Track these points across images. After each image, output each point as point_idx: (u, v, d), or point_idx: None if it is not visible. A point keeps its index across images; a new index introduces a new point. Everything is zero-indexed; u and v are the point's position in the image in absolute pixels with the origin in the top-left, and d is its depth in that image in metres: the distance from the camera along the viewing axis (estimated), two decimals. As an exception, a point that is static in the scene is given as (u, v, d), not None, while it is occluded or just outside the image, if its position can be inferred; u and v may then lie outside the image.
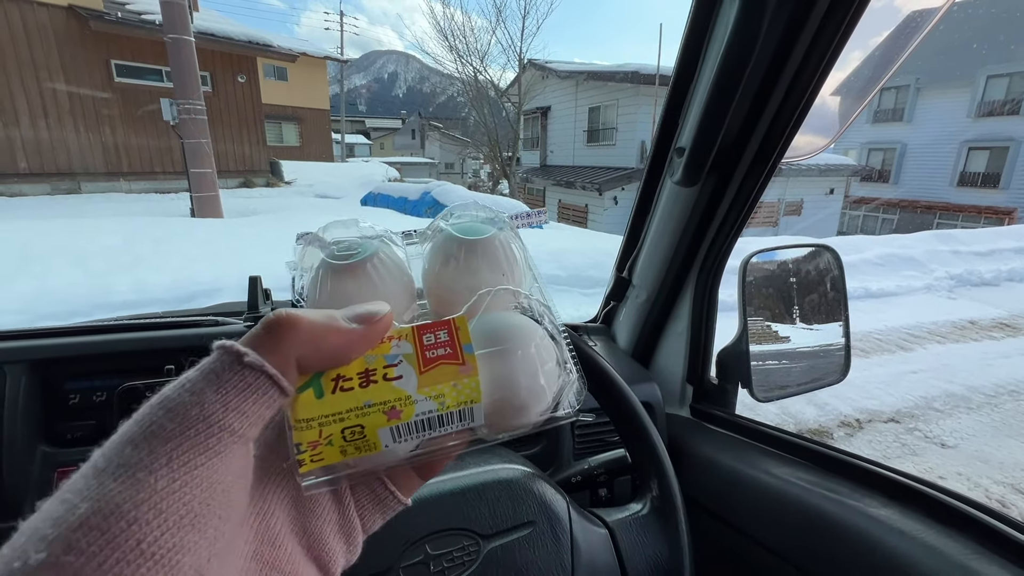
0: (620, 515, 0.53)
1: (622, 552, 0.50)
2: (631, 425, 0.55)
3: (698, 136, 0.63)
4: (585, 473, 0.67)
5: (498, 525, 0.47)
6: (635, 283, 0.92)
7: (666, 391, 0.93)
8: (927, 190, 18.34)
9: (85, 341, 0.65)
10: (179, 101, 7.02)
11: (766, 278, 0.88)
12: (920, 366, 4.33)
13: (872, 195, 19.87)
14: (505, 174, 20.80)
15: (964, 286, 6.60)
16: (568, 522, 0.50)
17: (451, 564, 0.45)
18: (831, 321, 0.89)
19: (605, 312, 1.04)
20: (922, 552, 0.49)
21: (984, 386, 3.98)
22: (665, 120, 0.69)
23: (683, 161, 0.65)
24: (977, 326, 5.33)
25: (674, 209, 0.75)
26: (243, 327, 0.73)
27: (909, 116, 18.91)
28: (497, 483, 0.50)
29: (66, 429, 0.63)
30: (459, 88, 23.17)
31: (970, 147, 17.43)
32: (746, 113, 0.62)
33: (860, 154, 20.42)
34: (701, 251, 0.80)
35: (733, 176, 0.68)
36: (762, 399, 0.85)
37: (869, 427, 3.47)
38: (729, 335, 0.87)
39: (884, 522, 0.53)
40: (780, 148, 0.64)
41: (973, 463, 3.09)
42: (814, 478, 0.63)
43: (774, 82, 0.60)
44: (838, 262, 0.85)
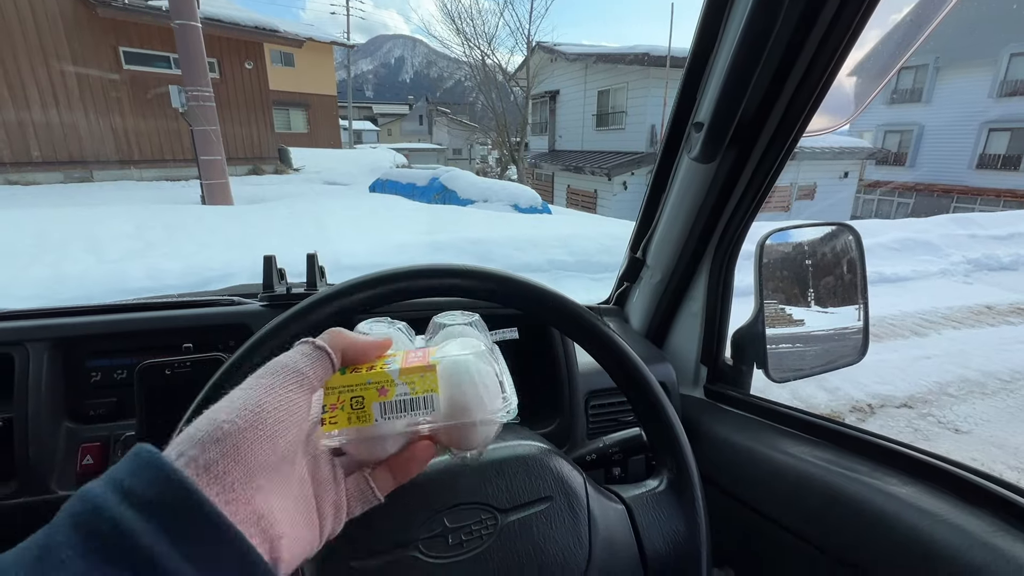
0: (637, 491, 0.53)
1: (639, 527, 0.50)
2: (647, 402, 0.54)
3: (717, 110, 0.61)
4: (600, 451, 0.67)
5: (515, 500, 0.47)
6: (649, 263, 0.91)
7: (680, 372, 0.92)
8: (945, 173, 17.92)
9: (106, 320, 0.66)
10: (187, 88, 7.02)
11: (783, 258, 0.87)
12: (934, 351, 4.27)
13: (887, 178, 19.47)
14: (513, 159, 20.66)
15: (981, 270, 6.48)
16: (585, 498, 0.50)
17: (469, 537, 0.45)
18: (849, 303, 0.88)
19: (618, 293, 1.03)
20: (945, 530, 0.48)
21: (1000, 372, 3.93)
22: (683, 94, 0.68)
23: (701, 136, 0.64)
24: (994, 311, 5.25)
25: (691, 186, 0.74)
26: (259, 307, 0.73)
27: (928, 97, 18.41)
28: (515, 459, 0.50)
29: (89, 406, 0.64)
30: (466, 72, 22.93)
31: (990, 128, 16.97)
32: (767, 87, 0.61)
33: (876, 136, 19.97)
34: (718, 230, 0.79)
35: (752, 152, 0.67)
36: (777, 380, 0.84)
37: (881, 412, 3.44)
38: (742, 320, 0.86)
39: (905, 500, 0.53)
40: (801, 123, 0.62)
41: (988, 448, 3.06)
42: (832, 457, 0.63)
43: (796, 54, 0.58)
44: (858, 242, 0.84)
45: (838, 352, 0.87)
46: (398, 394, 0.34)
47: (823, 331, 0.90)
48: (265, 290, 0.73)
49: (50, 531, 0.21)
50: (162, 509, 0.22)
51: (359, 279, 0.48)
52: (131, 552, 0.20)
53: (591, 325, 0.52)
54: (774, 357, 0.84)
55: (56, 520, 0.22)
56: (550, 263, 4.94)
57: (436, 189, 9.11)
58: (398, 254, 4.59)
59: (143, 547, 0.21)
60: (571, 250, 5.12)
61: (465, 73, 25.57)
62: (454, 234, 5.26)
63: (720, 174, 0.71)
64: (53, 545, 0.21)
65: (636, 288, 0.98)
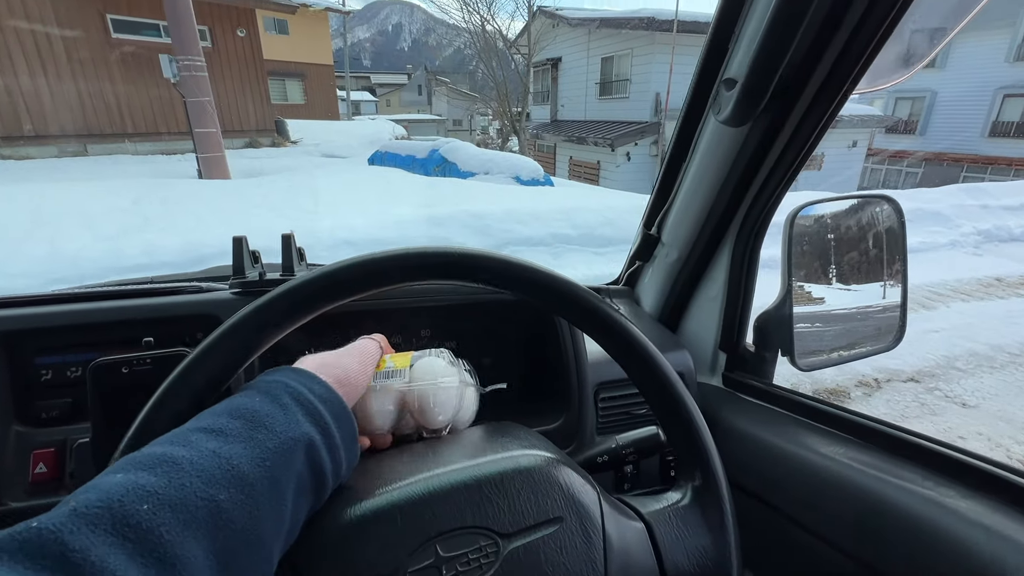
0: (657, 505, 0.46)
1: (660, 548, 0.44)
2: (670, 403, 0.47)
3: (755, 65, 0.52)
4: (612, 453, 0.60)
5: (519, 522, 0.41)
6: (665, 241, 0.83)
7: (696, 359, 0.85)
8: (956, 141, 17.48)
9: (55, 311, 0.58)
10: (179, 57, 6.79)
11: (814, 234, 0.78)
12: (942, 325, 4.22)
13: (897, 147, 19.03)
14: (515, 130, 20.26)
15: (992, 241, 6.36)
16: (600, 517, 0.43)
17: (466, 568, 0.39)
18: (882, 281, 0.80)
19: (629, 273, 0.95)
20: (1015, 556, 0.42)
21: (1009, 345, 3.88)
22: (712, 45, 0.58)
23: (734, 95, 0.55)
24: (1004, 283, 5.17)
25: (716, 153, 0.65)
26: (229, 294, 0.66)
27: (942, 62, 17.79)
28: (517, 472, 0.43)
29: (40, 408, 0.58)
30: (466, 39, 22.33)
31: (1005, 94, 16.44)
32: (815, 36, 0.51)
33: (887, 103, 19.43)
34: (745, 203, 0.70)
35: (791, 114, 0.58)
36: (804, 368, 0.77)
37: (888, 387, 3.41)
38: (763, 299, 0.79)
39: (964, 514, 0.46)
40: (852, 79, 0.53)
41: (995, 423, 3.03)
42: (873, 460, 0.56)
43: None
44: (899, 214, 0.75)
45: (870, 337, 0.80)
46: (386, 367, 0.51)
47: (852, 313, 0.83)
48: (236, 275, 0.65)
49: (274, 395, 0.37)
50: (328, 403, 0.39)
51: (345, 266, 0.41)
52: (316, 411, 0.37)
53: (601, 313, 0.45)
54: (800, 343, 0.77)
55: (272, 387, 0.37)
56: (552, 236, 4.84)
57: (436, 161, 8.92)
58: (398, 229, 4.49)
59: (323, 414, 0.38)
60: (574, 223, 5.02)
61: (464, 40, 24.91)
62: (455, 207, 5.14)
63: (751, 139, 0.61)
64: (279, 396, 0.37)
65: (649, 268, 0.90)
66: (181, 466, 0.28)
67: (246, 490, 0.30)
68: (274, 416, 0.34)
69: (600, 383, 0.76)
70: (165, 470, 0.28)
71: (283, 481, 0.32)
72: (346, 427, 0.39)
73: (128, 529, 0.24)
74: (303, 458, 0.34)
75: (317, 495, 0.37)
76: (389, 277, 0.42)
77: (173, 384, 0.37)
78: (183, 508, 0.27)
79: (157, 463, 0.28)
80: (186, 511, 0.27)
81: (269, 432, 0.33)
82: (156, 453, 0.29)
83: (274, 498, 0.31)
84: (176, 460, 0.29)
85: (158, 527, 0.25)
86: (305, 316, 0.41)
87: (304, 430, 0.35)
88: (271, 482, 0.31)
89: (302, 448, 0.34)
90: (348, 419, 0.40)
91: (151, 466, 0.28)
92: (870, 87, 0.53)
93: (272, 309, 0.39)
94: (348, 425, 0.40)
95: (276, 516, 0.31)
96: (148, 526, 0.25)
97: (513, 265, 0.44)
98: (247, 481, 0.30)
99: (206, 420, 0.33)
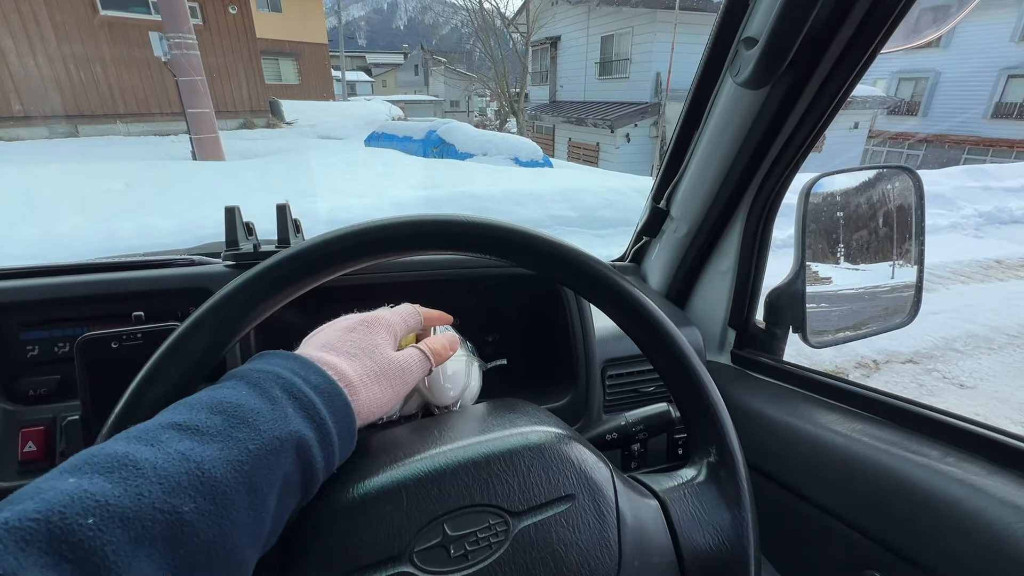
0: (672, 483, 0.45)
1: (675, 526, 0.42)
2: (685, 379, 0.45)
3: (779, 21, 0.49)
4: (622, 430, 0.58)
5: (530, 500, 0.39)
6: (674, 215, 0.80)
7: (704, 335, 0.83)
8: (958, 122, 17.32)
9: (39, 284, 0.55)
10: (169, 35, 6.64)
11: (829, 208, 0.76)
12: (942, 307, 4.23)
13: (899, 129, 18.85)
14: (513, 111, 20.03)
15: (993, 224, 6.35)
16: (613, 494, 0.41)
17: (475, 547, 0.37)
18: (898, 257, 0.78)
19: (635, 249, 0.93)
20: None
21: (1007, 326, 3.90)
22: (731, 1, 0.54)
23: (754, 55, 0.51)
24: (1003, 265, 5.17)
25: (732, 119, 0.62)
26: (222, 267, 0.63)
27: (946, 41, 17.51)
28: (527, 449, 0.41)
29: (28, 384, 0.55)
30: (463, 18, 21.94)
31: (1009, 75, 16.24)
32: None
33: (890, 84, 19.20)
34: (759, 173, 0.67)
35: (814, 74, 0.54)
36: (816, 345, 0.75)
37: (886, 368, 3.43)
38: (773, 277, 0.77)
39: (991, 493, 0.44)
40: (880, 39, 0.50)
41: (992, 403, 3.05)
42: (891, 436, 0.55)
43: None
44: (918, 188, 0.73)
45: (885, 313, 0.78)
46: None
47: (866, 289, 0.80)
48: (229, 247, 0.62)
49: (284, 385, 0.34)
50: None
51: (348, 232, 0.39)
52: (311, 405, 0.34)
53: (615, 284, 0.43)
54: (812, 319, 0.75)
55: (262, 379, 0.33)
56: (552, 218, 4.81)
57: (434, 142, 8.81)
58: (395, 211, 4.44)
59: (318, 408, 0.34)
60: (573, 204, 4.97)
61: (462, 19, 24.48)
62: (452, 188, 5.10)
63: (771, 103, 0.58)
64: (269, 389, 0.33)
65: (657, 243, 0.88)
66: (142, 470, 0.25)
67: (217, 499, 0.26)
68: (260, 412, 0.31)
69: (608, 360, 0.74)
70: (123, 475, 0.24)
71: (264, 485, 0.29)
72: (344, 420, 0.36)
73: (67, 547, 0.21)
74: (292, 458, 0.31)
75: (305, 491, 0.34)
76: (385, 246, 0.40)
77: (163, 357, 0.35)
78: (137, 521, 0.23)
79: (116, 465, 0.25)
80: (140, 525, 0.23)
81: (252, 431, 0.30)
82: (117, 453, 0.26)
83: (252, 504, 0.28)
84: (138, 463, 0.25)
85: (103, 545, 0.22)
86: (303, 285, 0.38)
87: (294, 427, 0.32)
88: (249, 488, 0.28)
89: (291, 447, 0.31)
90: (347, 411, 0.36)
91: (108, 469, 0.25)
92: (903, 44, 0.50)
93: (267, 277, 0.37)
94: (347, 418, 0.36)
95: (253, 522, 0.29)
96: (91, 544, 0.22)
97: (517, 233, 0.42)
98: (219, 488, 0.27)
99: (182, 414, 0.30)
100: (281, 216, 0.64)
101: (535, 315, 0.77)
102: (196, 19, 11.24)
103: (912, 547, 0.50)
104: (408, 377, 0.43)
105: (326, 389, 0.35)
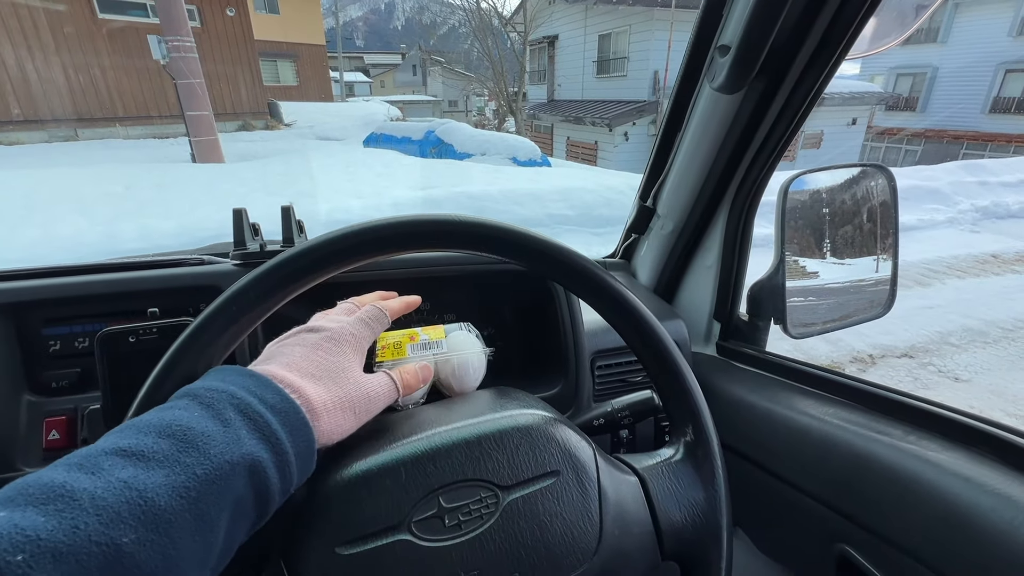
0: (651, 461, 0.48)
1: (653, 500, 0.46)
2: (662, 363, 0.49)
3: (748, 30, 0.52)
4: (608, 416, 0.62)
5: (518, 475, 0.43)
6: (660, 213, 0.84)
7: (691, 328, 0.87)
8: (956, 118, 17.31)
9: (60, 283, 0.59)
10: (167, 38, 6.66)
11: (806, 205, 0.79)
12: (938, 301, 4.26)
13: (897, 124, 18.85)
14: (511, 110, 20.03)
15: (989, 219, 6.38)
16: (595, 470, 0.45)
17: (467, 517, 0.41)
18: (876, 252, 0.82)
19: (625, 246, 0.96)
20: (993, 501, 0.44)
21: (1003, 320, 3.92)
22: (707, 11, 0.58)
23: (727, 61, 0.55)
24: (999, 260, 5.20)
25: (711, 122, 0.65)
26: (231, 266, 0.67)
27: (944, 36, 17.52)
28: (516, 430, 0.45)
29: (51, 377, 0.59)
30: (460, 17, 21.91)
31: (1007, 70, 16.23)
32: (807, 2, 0.51)
33: (887, 80, 19.20)
34: (739, 172, 0.71)
35: (785, 80, 0.58)
36: (796, 336, 0.79)
37: (882, 362, 3.45)
38: (755, 275, 0.80)
39: (945, 467, 0.48)
40: (845, 43, 0.53)
41: (987, 396, 3.08)
42: (860, 419, 0.58)
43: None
44: (891, 184, 0.76)
45: (862, 305, 0.82)
46: (421, 340, 0.57)
47: (845, 283, 0.84)
48: (237, 247, 0.66)
49: (215, 404, 0.32)
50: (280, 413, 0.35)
51: (344, 233, 0.42)
52: (267, 426, 0.33)
53: (596, 278, 0.46)
54: (793, 312, 0.78)
55: (215, 400, 0.32)
56: (550, 217, 4.84)
57: (432, 143, 8.84)
58: (394, 211, 4.46)
59: (274, 429, 0.33)
60: (571, 203, 5.01)
61: (459, 18, 24.45)
62: (451, 188, 5.13)
63: (746, 106, 0.62)
64: (222, 410, 0.32)
65: (645, 240, 0.91)
66: (79, 501, 0.23)
67: (161, 527, 0.25)
68: (211, 435, 0.30)
69: (597, 351, 0.77)
70: (58, 507, 0.23)
71: (213, 510, 0.28)
72: (303, 440, 0.35)
73: None
74: (244, 480, 0.30)
75: (261, 513, 0.33)
76: (382, 245, 0.43)
77: (181, 348, 0.38)
78: (71, 557, 0.22)
79: (51, 496, 0.23)
80: (75, 560, 0.22)
81: (201, 455, 0.29)
82: (54, 482, 0.24)
83: (199, 530, 0.27)
84: (75, 493, 0.24)
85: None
86: (308, 281, 0.42)
87: (247, 450, 0.31)
88: (196, 514, 0.27)
89: (243, 470, 0.30)
90: (306, 431, 0.35)
91: (43, 500, 0.23)
92: (865, 52, 0.54)
93: (274, 274, 0.40)
94: (305, 439, 0.35)
95: (201, 548, 0.27)
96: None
97: (506, 231, 0.45)
98: (163, 517, 0.25)
99: (128, 439, 0.28)
100: (286, 217, 0.68)
101: (528, 310, 0.80)
102: (194, 22, 11.26)
103: (878, 521, 0.53)
104: (373, 406, 0.42)
105: (283, 409, 0.35)
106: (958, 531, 0.45)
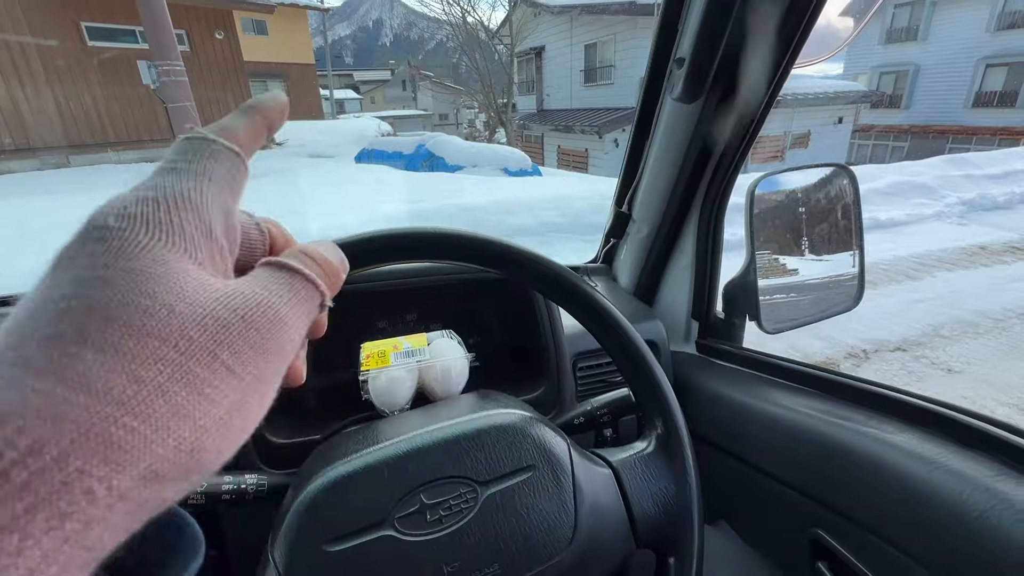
0: (624, 454, 0.51)
1: (626, 490, 0.48)
2: (632, 361, 0.51)
3: (699, 43, 0.56)
4: (588, 414, 0.64)
5: (496, 471, 0.45)
6: (635, 217, 0.87)
7: (671, 328, 0.90)
8: (940, 113, 17.56)
9: None
10: (157, 63, 6.70)
11: (775, 206, 0.82)
12: (928, 294, 4.29)
13: (882, 121, 19.09)
14: (501, 122, 20.20)
15: (976, 211, 6.45)
16: (570, 464, 0.47)
17: (448, 512, 0.43)
18: (845, 249, 0.85)
19: (605, 251, 0.99)
20: (943, 476, 0.46)
21: (992, 311, 3.96)
22: (663, 26, 0.62)
23: (683, 73, 0.58)
24: (988, 251, 5.25)
25: (675, 131, 0.69)
26: None
27: (924, 34, 17.83)
28: (493, 428, 0.48)
29: None
30: (448, 32, 22.14)
31: (987, 64, 16.52)
32: (751, 12, 0.55)
33: (871, 78, 19.47)
34: (705, 176, 0.74)
35: (739, 88, 0.61)
36: (771, 331, 0.81)
37: (876, 357, 3.47)
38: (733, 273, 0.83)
39: (902, 447, 0.51)
40: (790, 55, 0.57)
41: (979, 386, 3.10)
42: (827, 407, 0.61)
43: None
44: (853, 183, 0.79)
45: (832, 300, 0.85)
46: (405, 349, 0.62)
47: (817, 279, 0.87)
48: None
49: None
50: None
51: None
52: None
53: (567, 283, 0.49)
54: (767, 308, 0.81)
55: None
56: (542, 225, 4.88)
57: (423, 156, 8.90)
58: (387, 224, 4.51)
59: None
60: (563, 211, 5.05)
61: (447, 33, 24.70)
62: (443, 201, 5.17)
63: (706, 115, 0.65)
64: None
65: (623, 244, 0.94)
66: None
67: None
68: None
69: (578, 353, 0.80)
70: None
71: None
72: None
73: None
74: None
75: None
76: (358, 259, 0.46)
77: None
78: None
79: None
80: None
81: None
82: None
83: None
84: None
85: None
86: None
87: None
88: None
89: None
90: None
91: None
92: (810, 60, 0.57)
93: None
94: None
95: None
96: None
97: (484, 242, 0.48)
98: None
99: None
100: None
101: (511, 316, 0.83)
102: (184, 46, 11.35)
103: (847, 504, 0.56)
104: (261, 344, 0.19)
105: None
106: (918, 508, 0.48)
